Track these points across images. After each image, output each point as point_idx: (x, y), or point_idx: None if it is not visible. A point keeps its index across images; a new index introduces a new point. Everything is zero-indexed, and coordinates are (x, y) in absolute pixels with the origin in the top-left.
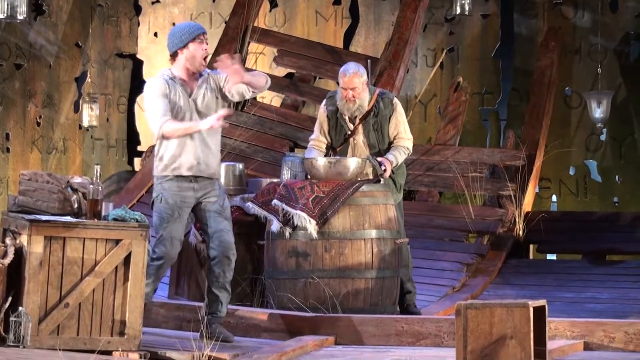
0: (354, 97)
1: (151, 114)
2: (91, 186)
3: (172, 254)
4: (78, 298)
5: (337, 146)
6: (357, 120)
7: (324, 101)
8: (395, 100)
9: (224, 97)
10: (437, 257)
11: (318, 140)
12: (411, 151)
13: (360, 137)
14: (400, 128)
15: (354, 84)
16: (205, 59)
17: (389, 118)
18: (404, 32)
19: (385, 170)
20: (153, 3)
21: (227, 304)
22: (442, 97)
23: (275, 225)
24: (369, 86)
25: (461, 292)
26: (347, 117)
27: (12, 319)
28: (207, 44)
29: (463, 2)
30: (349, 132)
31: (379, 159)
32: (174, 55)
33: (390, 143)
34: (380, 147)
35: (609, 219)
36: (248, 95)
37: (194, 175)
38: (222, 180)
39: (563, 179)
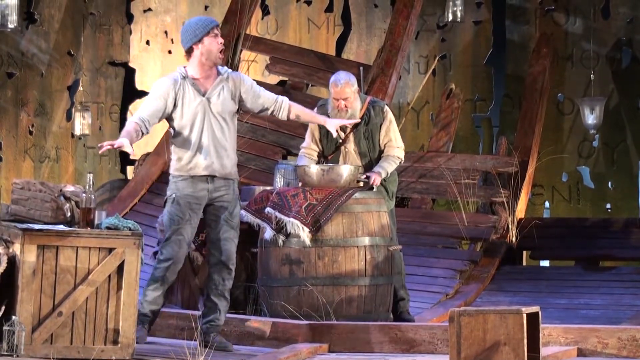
0: (346, 106)
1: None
2: (84, 195)
3: (180, 256)
4: (71, 307)
5: (329, 154)
6: (348, 129)
7: (315, 109)
8: (386, 108)
9: (240, 101)
10: (430, 264)
11: (309, 148)
12: (403, 159)
13: (351, 146)
14: (391, 136)
15: (346, 94)
16: (221, 52)
17: (380, 126)
18: (396, 39)
19: (373, 180)
20: (145, 11)
21: (226, 312)
22: (434, 104)
23: (268, 233)
24: (359, 94)
25: (454, 299)
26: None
27: (5, 328)
28: (221, 37)
29: (455, 9)
30: (340, 141)
31: (367, 173)
32: (189, 52)
33: (381, 151)
34: (371, 155)
35: (602, 225)
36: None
37: (210, 175)
38: None
39: (556, 186)
